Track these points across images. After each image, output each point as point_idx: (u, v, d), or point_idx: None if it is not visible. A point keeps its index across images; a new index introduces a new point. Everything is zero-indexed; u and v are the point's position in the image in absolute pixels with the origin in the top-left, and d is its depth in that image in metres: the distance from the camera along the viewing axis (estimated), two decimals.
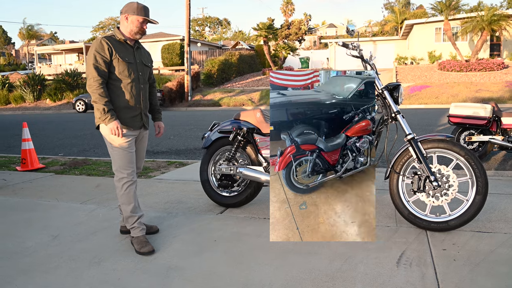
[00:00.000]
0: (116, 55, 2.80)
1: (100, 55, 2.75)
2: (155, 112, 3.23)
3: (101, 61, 2.75)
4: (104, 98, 2.74)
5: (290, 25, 36.51)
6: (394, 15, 42.09)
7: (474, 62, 22.17)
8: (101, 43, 2.77)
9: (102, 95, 2.73)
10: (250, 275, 2.46)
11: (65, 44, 39.21)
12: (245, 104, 21.28)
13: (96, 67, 2.74)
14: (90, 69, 2.74)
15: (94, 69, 2.73)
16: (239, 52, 29.86)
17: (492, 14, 21.92)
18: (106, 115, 2.74)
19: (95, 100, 2.75)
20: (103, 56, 2.76)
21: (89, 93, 2.80)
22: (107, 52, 2.77)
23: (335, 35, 54.40)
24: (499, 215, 3.32)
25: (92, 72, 2.73)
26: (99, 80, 2.73)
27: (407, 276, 2.38)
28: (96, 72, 2.73)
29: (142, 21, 2.84)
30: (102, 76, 2.76)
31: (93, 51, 2.77)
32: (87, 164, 6.19)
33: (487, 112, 5.40)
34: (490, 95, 17.71)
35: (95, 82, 2.72)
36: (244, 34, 64.23)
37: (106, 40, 2.80)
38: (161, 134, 3.24)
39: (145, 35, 2.96)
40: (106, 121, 2.76)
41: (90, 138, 10.04)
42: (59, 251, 2.88)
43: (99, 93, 2.73)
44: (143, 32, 2.90)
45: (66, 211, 3.80)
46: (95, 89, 2.72)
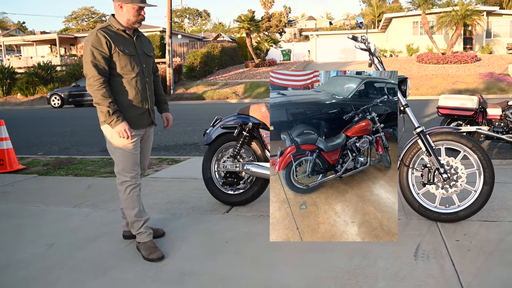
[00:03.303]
0: (115, 48, 2.57)
1: (98, 51, 2.52)
2: (161, 103, 3.00)
3: (99, 57, 2.53)
4: (107, 98, 2.53)
5: (271, 18, 36.40)
6: (372, 8, 42.50)
7: (450, 55, 22.71)
8: (97, 37, 2.54)
9: (105, 96, 2.52)
10: (269, 276, 2.40)
11: (36, 35, 37.46)
12: (229, 97, 21.09)
13: (95, 64, 2.51)
14: (89, 67, 2.52)
15: (93, 67, 2.50)
16: (221, 45, 29.55)
17: (466, 9, 22.53)
18: (111, 118, 2.54)
19: (97, 102, 2.54)
20: (102, 52, 2.53)
21: (90, 94, 2.57)
22: (105, 46, 2.54)
23: (314, 27, 54.60)
24: (499, 203, 3.36)
25: (91, 71, 2.51)
26: (100, 78, 2.51)
27: (426, 269, 2.37)
28: (96, 70, 2.51)
29: (138, 8, 2.60)
30: (103, 74, 2.54)
31: (89, 47, 2.53)
32: (72, 164, 5.96)
33: (474, 104, 5.50)
34: (466, 86, 18.15)
35: (96, 82, 2.51)
36: (224, 26, 63.65)
37: (103, 32, 2.56)
38: (170, 126, 3.04)
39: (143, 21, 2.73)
40: (113, 124, 2.55)
41: (70, 135, 9.70)
42: (57, 262, 2.68)
43: (102, 94, 2.52)
44: (142, 19, 2.66)
45: (58, 216, 3.58)
46: (97, 89, 2.51)
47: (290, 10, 45.08)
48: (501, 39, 26.94)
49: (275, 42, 30.63)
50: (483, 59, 23.19)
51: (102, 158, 6.35)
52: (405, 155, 3.11)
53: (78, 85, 20.66)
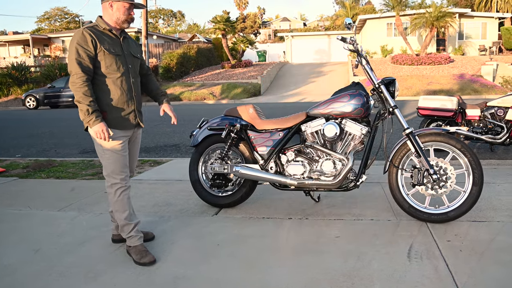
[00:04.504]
0: (101, 47, 2.53)
1: (83, 49, 2.48)
2: (159, 95, 2.98)
3: (84, 55, 2.48)
4: (88, 97, 2.47)
5: (245, 19, 36.43)
6: (345, 10, 43.19)
7: (424, 56, 23.24)
8: (83, 35, 2.49)
9: (86, 94, 2.46)
10: (265, 279, 2.37)
11: (8, 35, 36.24)
12: (206, 98, 20.94)
13: (79, 62, 2.46)
14: (73, 64, 2.46)
15: (77, 65, 2.45)
16: (197, 45, 29.34)
17: (439, 11, 23.13)
18: (90, 117, 2.48)
19: (78, 100, 2.47)
20: (87, 50, 2.49)
21: (73, 92, 2.51)
22: (90, 44, 2.49)
23: (289, 28, 54.91)
24: (486, 204, 3.44)
25: (75, 68, 2.46)
26: (83, 76, 2.46)
27: (421, 270, 2.39)
28: (80, 68, 2.45)
29: (129, 7, 2.59)
30: (87, 72, 2.49)
31: (74, 44, 2.48)
32: (53, 166, 5.77)
33: (453, 104, 5.63)
34: (441, 87, 18.60)
35: (78, 79, 2.45)
36: (199, 27, 63.24)
37: (89, 31, 2.53)
38: (175, 118, 2.97)
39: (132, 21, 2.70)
40: (91, 123, 2.49)
41: (48, 137, 9.40)
42: (45, 268, 2.59)
43: (83, 92, 2.45)
44: (131, 20, 2.64)
45: (43, 221, 3.46)
46: (79, 87, 2.45)
47: (264, 11, 45.31)
48: (473, 41, 27.83)
49: (251, 43, 30.71)
50: (456, 60, 23.85)
51: (83, 160, 6.19)
52: (394, 156, 3.14)
53: (53, 86, 20.12)
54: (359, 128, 3.11)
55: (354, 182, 3.14)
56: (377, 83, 3.15)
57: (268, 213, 3.41)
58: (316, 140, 3.24)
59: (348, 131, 3.15)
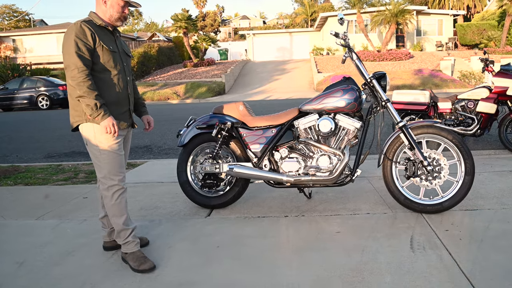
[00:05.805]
0: (100, 42, 2.40)
1: (83, 42, 2.33)
2: (140, 105, 2.84)
3: (84, 48, 2.33)
4: (94, 91, 2.33)
5: (205, 17, 36.09)
6: (304, 8, 43.70)
7: (385, 53, 23.97)
8: (82, 28, 2.35)
9: (91, 88, 2.32)
10: (274, 279, 2.30)
11: None
12: (170, 98, 20.55)
13: (79, 55, 2.31)
14: (73, 58, 2.30)
15: (78, 58, 2.29)
16: (158, 44, 28.80)
17: (398, 8, 23.92)
18: (99, 111, 2.34)
19: (82, 95, 2.31)
20: (86, 43, 2.34)
21: (74, 87, 2.33)
22: (90, 38, 2.36)
23: (249, 26, 54.95)
24: (473, 193, 3.51)
25: (76, 62, 2.30)
26: (86, 70, 2.32)
27: (426, 261, 2.41)
28: (81, 61, 2.30)
29: (124, 4, 2.46)
30: (88, 66, 2.35)
31: (72, 37, 2.32)
32: (19, 172, 5.41)
33: (426, 98, 5.78)
34: (403, 82, 19.22)
35: (81, 73, 2.29)
36: (157, 25, 62.00)
37: (87, 24, 2.39)
38: (152, 128, 2.89)
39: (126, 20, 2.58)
40: (99, 118, 2.35)
41: (7, 141, 8.82)
42: (34, 281, 2.39)
43: (88, 86, 2.31)
44: (125, 18, 2.52)
45: (22, 231, 3.21)
46: (82, 81, 2.29)
47: (223, 9, 45.10)
48: (431, 37, 29.03)
49: (213, 41, 30.53)
50: (415, 56, 24.75)
51: (50, 165, 5.84)
52: (388, 150, 3.16)
53: (6, 88, 19.00)
54: (353, 123, 3.11)
55: (350, 176, 3.13)
56: (369, 78, 3.16)
57: (263, 212, 3.35)
58: (309, 136, 3.21)
59: (342, 126, 3.14)
